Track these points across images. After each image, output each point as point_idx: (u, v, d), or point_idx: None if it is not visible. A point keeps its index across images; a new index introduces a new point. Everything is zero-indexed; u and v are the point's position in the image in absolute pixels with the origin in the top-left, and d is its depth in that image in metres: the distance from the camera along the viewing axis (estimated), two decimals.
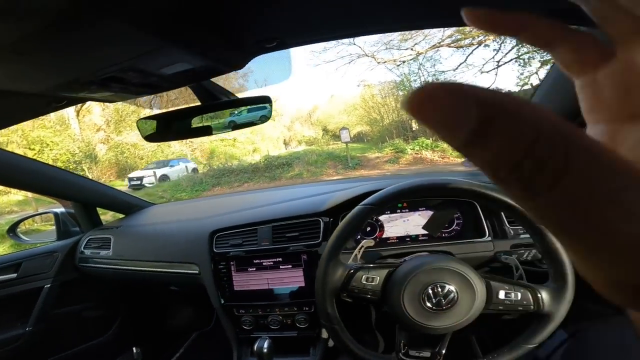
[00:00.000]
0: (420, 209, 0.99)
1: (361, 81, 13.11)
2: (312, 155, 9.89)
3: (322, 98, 15.39)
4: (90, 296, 1.47)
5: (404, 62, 9.87)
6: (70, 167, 9.43)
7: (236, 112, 0.73)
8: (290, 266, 1.00)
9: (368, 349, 0.74)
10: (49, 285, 1.34)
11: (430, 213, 0.98)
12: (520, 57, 8.25)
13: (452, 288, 0.66)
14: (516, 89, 8.50)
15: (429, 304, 0.66)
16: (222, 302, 1.05)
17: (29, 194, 7.27)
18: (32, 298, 1.32)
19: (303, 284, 0.99)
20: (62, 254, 1.40)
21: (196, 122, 0.72)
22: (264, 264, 1.02)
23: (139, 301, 1.63)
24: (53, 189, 1.33)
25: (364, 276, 0.73)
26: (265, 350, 0.86)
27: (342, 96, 14.27)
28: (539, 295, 0.68)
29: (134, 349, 1.53)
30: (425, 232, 0.98)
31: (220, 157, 12.35)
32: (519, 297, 0.68)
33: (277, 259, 1.01)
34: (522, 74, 8.50)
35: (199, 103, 0.68)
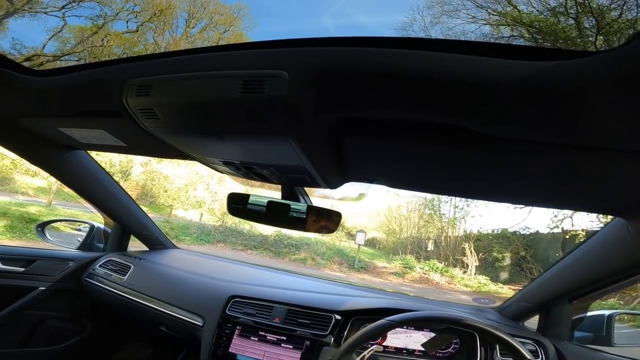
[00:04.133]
0: (425, 329, 1.06)
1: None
2: (323, 246, 9.82)
3: (351, 194, 15.75)
4: (67, 307, 1.44)
5: None
6: None
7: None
8: (291, 347, 1.05)
9: None
10: (43, 288, 1.33)
11: (431, 334, 1.04)
12: None
13: None
14: (545, 230, 8.26)
15: None
16: (210, 357, 1.08)
17: (54, 184, 7.30)
18: (18, 295, 1.30)
19: None
20: (75, 264, 1.42)
21: (272, 212, 0.83)
22: (267, 337, 1.07)
23: (110, 327, 1.58)
24: (112, 207, 1.44)
25: None
26: None
27: (371, 198, 14.64)
28: None
29: None
30: (422, 348, 1.04)
31: (235, 217, 12.47)
32: None
33: (282, 337, 1.07)
34: (555, 215, 7.94)
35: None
